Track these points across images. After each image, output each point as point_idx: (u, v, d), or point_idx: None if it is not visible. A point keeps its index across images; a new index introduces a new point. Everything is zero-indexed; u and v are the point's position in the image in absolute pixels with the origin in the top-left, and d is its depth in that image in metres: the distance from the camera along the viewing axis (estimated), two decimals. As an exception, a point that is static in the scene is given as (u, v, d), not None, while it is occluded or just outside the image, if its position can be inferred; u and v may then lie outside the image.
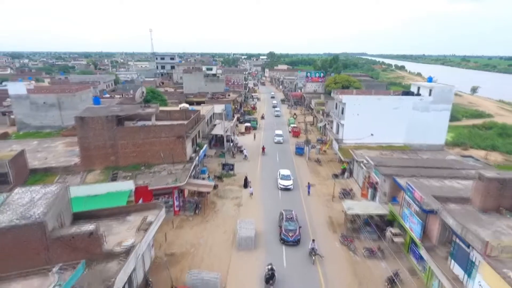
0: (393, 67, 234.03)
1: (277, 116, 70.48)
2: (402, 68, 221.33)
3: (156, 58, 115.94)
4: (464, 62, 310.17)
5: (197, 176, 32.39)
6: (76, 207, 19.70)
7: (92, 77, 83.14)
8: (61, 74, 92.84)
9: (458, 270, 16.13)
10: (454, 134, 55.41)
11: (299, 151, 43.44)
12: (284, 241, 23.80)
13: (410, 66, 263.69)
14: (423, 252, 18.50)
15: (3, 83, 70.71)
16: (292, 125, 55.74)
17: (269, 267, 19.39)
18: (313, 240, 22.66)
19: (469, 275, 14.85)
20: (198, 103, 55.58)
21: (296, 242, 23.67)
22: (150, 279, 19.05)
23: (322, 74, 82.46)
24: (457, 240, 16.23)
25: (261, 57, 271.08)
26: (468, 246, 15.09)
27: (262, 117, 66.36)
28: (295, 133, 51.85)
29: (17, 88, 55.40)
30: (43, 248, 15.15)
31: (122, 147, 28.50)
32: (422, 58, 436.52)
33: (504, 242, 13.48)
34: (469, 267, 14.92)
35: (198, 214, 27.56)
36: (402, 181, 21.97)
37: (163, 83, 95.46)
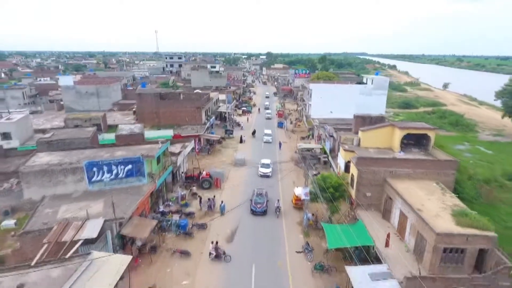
0: (386, 66, 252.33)
1: (268, 118, 68.69)
2: (393, 67, 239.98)
3: (166, 58, 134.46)
4: (457, 62, 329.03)
5: (208, 135, 50.39)
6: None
7: (116, 73, 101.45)
8: (90, 70, 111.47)
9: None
10: (404, 117, 73.26)
11: (280, 125, 61.59)
12: (253, 212, 29.08)
13: (404, 65, 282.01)
14: (329, 158, 36.45)
15: (57, 76, 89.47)
16: (278, 110, 74.00)
17: (254, 129, 46.43)
18: (278, 200, 30.29)
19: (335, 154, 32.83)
20: (206, 92, 73.61)
21: (263, 213, 29.00)
22: (187, 174, 36.94)
23: (308, 71, 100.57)
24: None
25: (260, 56, 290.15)
26: (342, 146, 32.88)
27: (254, 105, 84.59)
28: (280, 115, 69.94)
29: (66, 80, 73.57)
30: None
31: (162, 113, 46.50)
32: (419, 58, 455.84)
33: (347, 137, 31.39)
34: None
35: (210, 154, 45.50)
36: (327, 128, 39.91)
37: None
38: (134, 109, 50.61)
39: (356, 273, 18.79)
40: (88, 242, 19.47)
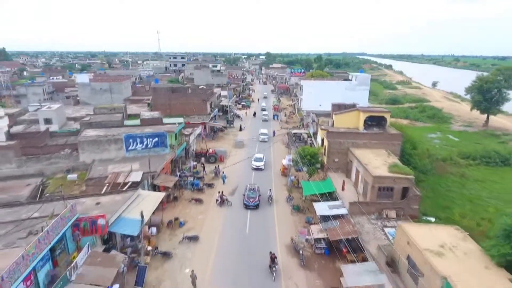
0: (383, 66, 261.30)
1: (265, 120, 68.03)
2: (389, 67, 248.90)
3: (169, 58, 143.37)
4: (454, 62, 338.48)
5: (212, 124, 59.13)
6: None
7: (124, 72, 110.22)
8: (101, 70, 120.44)
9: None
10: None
11: (275, 117, 70.32)
12: (246, 206, 30.84)
13: (401, 65, 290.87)
14: (313, 140, 45.17)
15: (74, 74, 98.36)
16: (274, 104, 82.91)
17: (254, 111, 57.80)
18: (270, 190, 33.64)
19: (316, 136, 41.49)
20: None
21: (255, 207, 30.82)
22: (197, 151, 45.62)
23: (303, 70, 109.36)
24: (321, 129, 42.73)
25: (260, 56, 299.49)
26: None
27: (253, 101, 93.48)
28: (275, 109, 78.75)
29: (82, 78, 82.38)
30: (160, 128, 41.97)
31: (173, 104, 55.15)
32: (417, 58, 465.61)
33: (324, 120, 40.03)
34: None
35: (214, 139, 54.17)
36: (311, 115, 48.60)
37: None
38: (148, 102, 59.31)
39: (319, 206, 27.47)
40: (132, 188, 28.06)
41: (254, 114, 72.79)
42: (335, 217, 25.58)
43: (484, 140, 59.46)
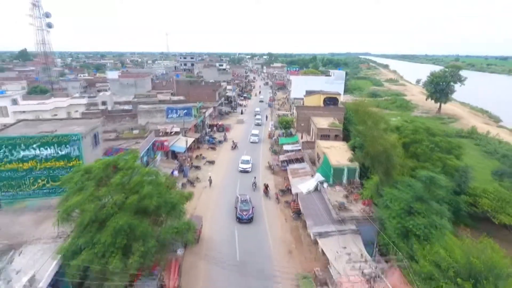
0: (381, 66, 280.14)
1: (258, 125, 70.08)
2: (386, 66, 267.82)
3: (180, 58, 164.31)
4: (452, 61, 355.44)
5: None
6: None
7: (143, 70, 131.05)
8: (123, 68, 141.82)
9: (297, 116, 62.37)
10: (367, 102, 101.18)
11: (269, 105, 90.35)
12: (239, 219, 29.13)
13: (399, 65, 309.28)
14: (293, 116, 65.03)
15: (106, 72, 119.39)
16: (270, 96, 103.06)
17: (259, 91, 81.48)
18: (255, 177, 39.85)
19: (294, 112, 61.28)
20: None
21: (249, 220, 29.06)
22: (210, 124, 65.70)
23: (298, 68, 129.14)
24: (297, 108, 62.48)
25: (263, 56, 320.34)
26: (297, 107, 61.29)
27: (255, 95, 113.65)
28: (271, 99, 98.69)
29: (112, 74, 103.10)
30: (185, 107, 62.23)
31: (191, 93, 75.15)
32: (418, 58, 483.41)
33: (298, 100, 59.74)
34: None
35: (221, 119, 74.16)
36: (291, 99, 68.33)
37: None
38: (171, 92, 79.50)
39: (286, 146, 47.29)
40: (175, 134, 47.98)
41: (260, 92, 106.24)
42: (294, 151, 45.42)
43: (430, 122, 78.52)
